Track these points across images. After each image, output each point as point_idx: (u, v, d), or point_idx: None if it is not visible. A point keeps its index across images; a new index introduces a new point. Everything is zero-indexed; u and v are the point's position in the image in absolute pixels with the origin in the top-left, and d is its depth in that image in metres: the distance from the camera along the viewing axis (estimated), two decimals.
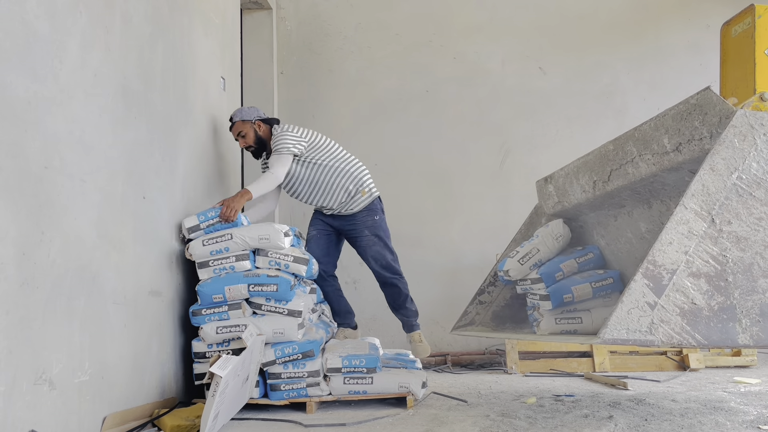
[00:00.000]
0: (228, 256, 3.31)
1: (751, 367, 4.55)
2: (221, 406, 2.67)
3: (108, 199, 2.66)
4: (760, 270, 2.23)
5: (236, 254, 3.31)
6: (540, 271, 3.31)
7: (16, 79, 2.10)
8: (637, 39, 5.58)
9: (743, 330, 2.18)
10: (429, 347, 4.04)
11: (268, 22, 5.43)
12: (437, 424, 2.83)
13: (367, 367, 3.28)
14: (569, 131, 5.48)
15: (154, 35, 3.16)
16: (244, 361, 2.87)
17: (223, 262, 3.31)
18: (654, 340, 2.09)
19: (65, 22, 2.38)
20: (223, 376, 2.55)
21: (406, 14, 5.59)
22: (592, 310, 3.23)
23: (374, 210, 3.95)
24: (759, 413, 2.90)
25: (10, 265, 2.03)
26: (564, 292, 3.20)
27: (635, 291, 2.09)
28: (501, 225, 5.22)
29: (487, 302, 3.70)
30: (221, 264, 3.31)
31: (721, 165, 2.23)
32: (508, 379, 4.28)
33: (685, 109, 2.49)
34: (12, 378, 2.03)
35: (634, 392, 3.58)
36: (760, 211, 2.25)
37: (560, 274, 3.30)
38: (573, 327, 3.18)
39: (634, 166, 2.84)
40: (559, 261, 3.37)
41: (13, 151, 2.07)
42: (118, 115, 2.77)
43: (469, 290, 4.49)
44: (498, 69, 5.55)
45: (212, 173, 3.98)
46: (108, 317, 2.64)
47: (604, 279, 3.29)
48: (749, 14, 2.97)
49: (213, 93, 4.04)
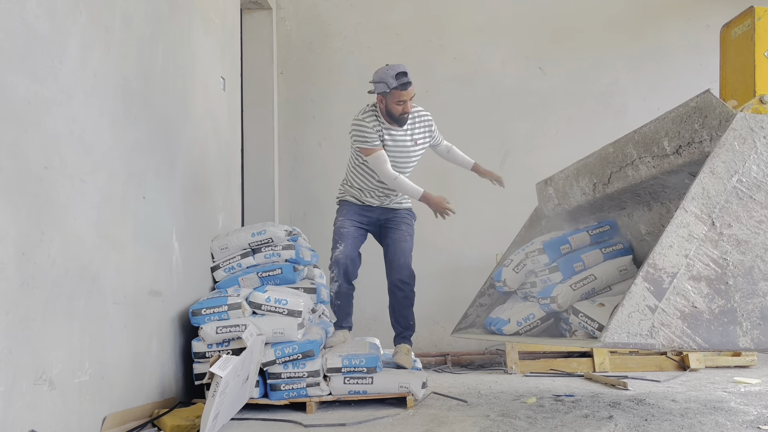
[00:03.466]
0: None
1: (751, 367, 4.56)
2: (221, 406, 2.67)
3: (108, 199, 2.66)
4: (760, 273, 2.24)
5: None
6: (545, 243, 3.28)
7: (16, 79, 2.10)
8: (637, 39, 5.58)
9: (744, 333, 2.19)
10: (412, 363, 3.69)
11: (268, 22, 5.43)
12: (437, 424, 2.83)
13: (367, 367, 3.28)
14: (569, 131, 5.48)
15: (154, 35, 3.16)
16: (244, 361, 2.87)
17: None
18: (655, 344, 2.10)
19: (65, 22, 2.38)
20: (224, 376, 2.55)
21: (406, 14, 5.59)
22: (599, 264, 3.17)
23: (413, 214, 4.07)
24: (759, 413, 2.91)
25: (10, 265, 2.03)
26: (575, 261, 3.15)
27: (636, 294, 2.10)
28: (501, 225, 5.21)
29: (487, 304, 3.70)
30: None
31: (722, 168, 2.23)
32: (508, 379, 4.28)
33: (685, 111, 2.49)
34: (12, 378, 2.03)
35: (634, 392, 3.58)
36: (761, 214, 2.25)
37: (566, 246, 3.25)
38: (590, 287, 3.07)
39: (634, 169, 2.84)
40: (569, 234, 3.31)
41: (13, 151, 2.07)
42: (118, 115, 2.77)
43: (469, 290, 4.49)
44: (498, 69, 5.55)
45: (212, 173, 3.98)
46: (108, 317, 2.64)
47: (614, 245, 3.24)
48: (749, 16, 2.97)
49: (213, 93, 4.03)
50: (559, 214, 3.67)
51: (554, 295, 3.03)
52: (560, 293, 3.02)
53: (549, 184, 3.65)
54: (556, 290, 3.04)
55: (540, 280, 3.31)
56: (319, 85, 5.55)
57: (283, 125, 5.51)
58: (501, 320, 3.37)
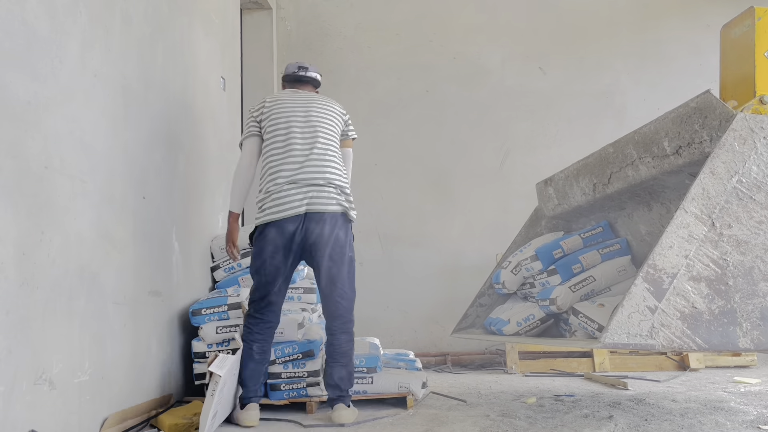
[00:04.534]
0: None
1: (751, 367, 4.56)
2: (219, 405, 2.67)
3: (108, 199, 2.66)
4: (760, 273, 2.24)
5: None
6: (537, 250, 3.28)
7: (16, 79, 2.10)
8: (637, 39, 5.58)
9: (744, 334, 2.19)
10: None
11: (268, 22, 5.43)
12: (437, 424, 2.83)
13: (367, 367, 3.28)
14: (569, 131, 5.48)
15: (154, 35, 3.16)
16: (240, 360, 2.88)
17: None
18: (655, 344, 2.10)
19: (65, 22, 2.38)
20: (222, 375, 2.56)
21: (406, 14, 5.59)
22: (598, 265, 3.18)
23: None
24: (759, 413, 2.91)
25: (10, 265, 2.03)
26: (572, 263, 3.15)
27: (636, 295, 2.10)
28: (501, 225, 5.22)
29: (487, 305, 3.70)
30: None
31: (722, 168, 2.23)
32: (508, 379, 4.29)
33: (685, 112, 2.49)
34: (12, 378, 2.03)
35: (634, 392, 3.58)
36: (761, 214, 2.25)
37: (559, 251, 3.25)
38: (590, 288, 3.07)
39: (634, 169, 2.84)
40: (561, 239, 3.32)
41: (13, 151, 2.07)
42: (118, 115, 2.77)
43: (469, 290, 4.49)
44: (498, 69, 5.55)
45: (212, 173, 3.98)
46: (108, 317, 2.64)
47: (611, 245, 3.24)
48: (749, 16, 2.96)
49: (213, 93, 4.03)
50: (559, 214, 3.67)
51: (554, 297, 3.04)
52: (560, 295, 3.03)
53: (549, 184, 3.65)
54: (556, 292, 3.05)
55: (539, 283, 3.32)
56: None
57: None
58: (501, 320, 3.38)
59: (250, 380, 2.95)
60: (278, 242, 2.90)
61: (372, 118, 5.50)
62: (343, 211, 2.99)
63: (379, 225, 5.41)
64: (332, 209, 2.94)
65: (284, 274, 2.96)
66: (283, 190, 2.92)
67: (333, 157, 3.05)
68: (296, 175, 2.94)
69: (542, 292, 3.17)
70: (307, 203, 2.91)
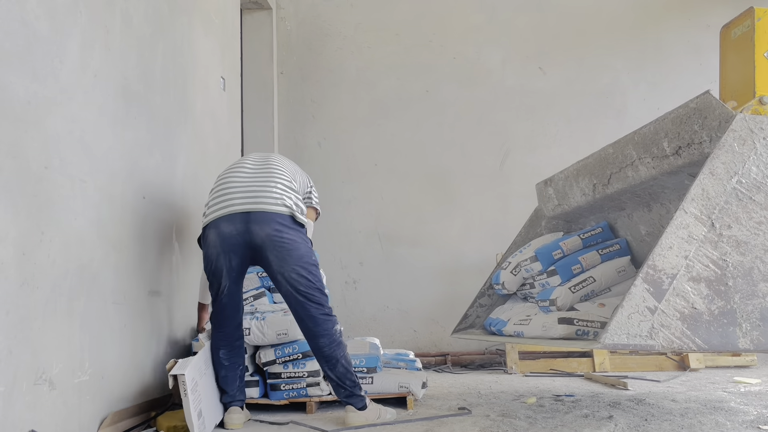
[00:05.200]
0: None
1: (751, 367, 4.56)
2: (201, 404, 2.67)
3: (108, 199, 2.66)
4: (760, 274, 2.24)
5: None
6: (537, 251, 3.29)
7: (16, 79, 2.10)
8: (637, 39, 5.58)
9: (744, 334, 2.19)
10: None
11: (268, 22, 5.43)
12: (437, 424, 2.83)
13: (367, 367, 3.28)
14: (569, 131, 5.48)
15: (154, 35, 3.16)
16: (206, 359, 2.89)
17: None
18: (654, 345, 2.10)
19: (65, 22, 2.38)
20: (186, 373, 2.57)
21: (406, 14, 5.59)
22: (598, 266, 3.17)
23: None
24: (759, 413, 2.91)
25: (10, 265, 2.03)
26: (572, 264, 3.15)
27: (635, 295, 2.10)
28: (501, 225, 5.23)
29: (487, 305, 3.70)
30: None
31: (721, 169, 2.23)
32: (508, 379, 4.29)
33: (685, 112, 2.49)
34: (12, 378, 2.03)
35: (634, 392, 3.58)
36: (760, 215, 2.25)
37: (558, 252, 3.26)
38: (589, 289, 3.06)
39: (634, 170, 2.84)
40: (560, 240, 3.32)
41: (13, 151, 2.07)
42: (118, 115, 2.77)
43: (469, 290, 4.50)
44: (498, 69, 5.55)
45: (212, 173, 3.98)
46: (108, 317, 2.64)
47: (611, 246, 3.23)
48: (749, 17, 2.97)
49: (213, 93, 4.04)
50: (559, 215, 3.67)
51: (553, 298, 3.04)
52: (559, 296, 3.03)
53: (549, 184, 3.65)
54: (555, 293, 3.05)
55: (538, 284, 3.32)
56: (319, 85, 5.55)
57: (283, 125, 5.51)
58: (501, 321, 3.38)
59: (225, 385, 2.92)
60: (218, 243, 2.77)
61: (372, 118, 5.51)
62: (290, 213, 2.79)
63: (379, 225, 5.41)
64: (277, 209, 2.76)
65: (231, 277, 2.84)
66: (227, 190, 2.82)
67: (286, 181, 2.87)
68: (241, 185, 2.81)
69: (542, 292, 3.17)
70: (251, 203, 2.75)
